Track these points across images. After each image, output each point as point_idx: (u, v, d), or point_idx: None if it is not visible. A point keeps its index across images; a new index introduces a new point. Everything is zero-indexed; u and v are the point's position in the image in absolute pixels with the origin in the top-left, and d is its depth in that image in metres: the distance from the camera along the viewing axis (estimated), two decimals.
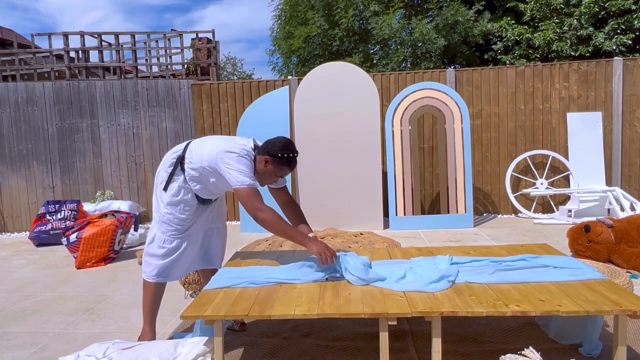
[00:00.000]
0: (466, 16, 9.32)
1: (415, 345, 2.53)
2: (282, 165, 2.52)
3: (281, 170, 2.55)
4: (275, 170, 2.54)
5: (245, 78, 21.67)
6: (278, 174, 2.57)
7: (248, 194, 2.43)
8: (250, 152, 2.55)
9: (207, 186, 2.64)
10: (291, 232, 2.50)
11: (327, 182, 5.61)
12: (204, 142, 2.64)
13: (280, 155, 2.50)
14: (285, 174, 2.60)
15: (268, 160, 2.52)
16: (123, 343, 2.37)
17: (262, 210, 2.46)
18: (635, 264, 3.68)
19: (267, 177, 2.58)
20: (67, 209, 5.79)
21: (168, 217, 2.63)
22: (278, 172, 2.56)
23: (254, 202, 2.44)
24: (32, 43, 7.86)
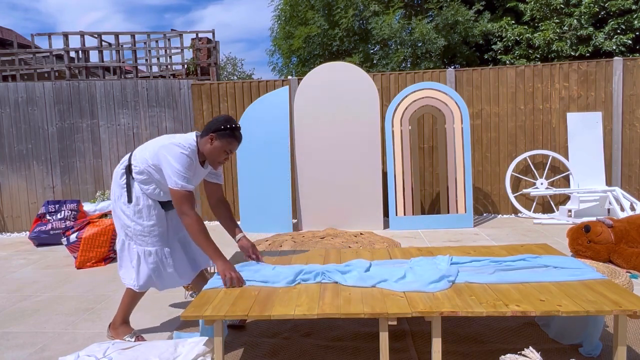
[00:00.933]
0: (466, 16, 9.33)
1: (415, 345, 2.53)
2: (228, 137, 2.57)
3: (229, 144, 2.58)
4: (222, 145, 2.57)
5: (245, 78, 21.68)
6: (226, 148, 2.59)
7: (180, 196, 2.50)
8: (192, 144, 2.59)
9: (159, 186, 2.68)
10: (207, 244, 2.53)
11: (327, 182, 5.61)
12: (146, 145, 2.70)
13: (223, 128, 2.55)
14: (234, 148, 2.62)
15: (213, 137, 2.56)
16: (123, 343, 2.38)
17: (188, 216, 2.51)
18: (635, 264, 3.68)
19: (216, 155, 2.60)
20: (67, 209, 5.79)
21: (138, 228, 2.68)
22: (226, 147, 2.59)
23: (183, 206, 2.50)
24: (32, 43, 7.87)
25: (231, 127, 2.56)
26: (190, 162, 2.55)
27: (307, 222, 5.68)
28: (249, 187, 5.68)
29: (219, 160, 2.63)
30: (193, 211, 2.52)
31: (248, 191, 5.69)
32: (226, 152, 2.61)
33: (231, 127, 2.56)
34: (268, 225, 5.65)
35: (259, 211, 5.69)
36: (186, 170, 2.51)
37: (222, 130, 2.55)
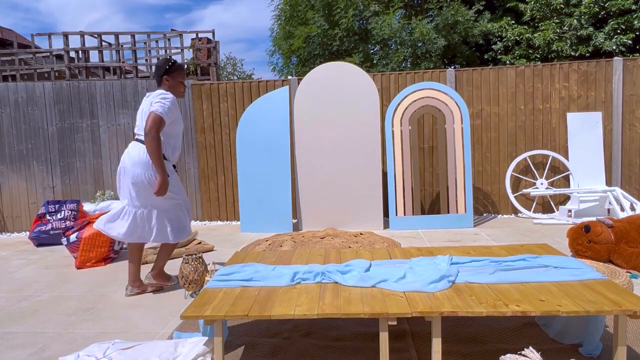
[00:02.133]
0: (466, 16, 9.33)
1: (415, 345, 2.53)
2: (174, 72, 3.37)
3: (179, 76, 3.40)
4: (174, 79, 3.38)
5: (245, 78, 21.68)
6: (179, 79, 3.40)
7: (154, 119, 3.16)
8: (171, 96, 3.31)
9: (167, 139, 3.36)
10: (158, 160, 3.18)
11: (327, 182, 5.61)
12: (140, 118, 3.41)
13: (169, 68, 3.35)
14: (183, 77, 3.43)
15: (167, 79, 3.36)
16: (123, 343, 2.38)
17: (153, 133, 3.15)
18: (635, 264, 3.68)
19: (177, 88, 3.40)
20: (67, 209, 5.79)
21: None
22: (178, 78, 3.40)
23: (152, 128, 3.14)
24: (32, 43, 7.86)
25: (171, 65, 3.35)
26: (170, 107, 3.25)
27: (307, 222, 5.68)
28: (249, 187, 5.69)
29: (181, 90, 3.43)
30: (158, 135, 3.18)
31: (248, 191, 5.70)
32: (180, 81, 3.41)
33: (172, 65, 3.35)
34: (268, 225, 5.65)
35: (259, 211, 5.69)
36: (167, 109, 3.23)
37: (167, 69, 3.34)
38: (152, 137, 3.12)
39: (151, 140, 3.12)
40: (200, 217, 6.66)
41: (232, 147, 6.48)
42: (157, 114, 3.16)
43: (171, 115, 3.25)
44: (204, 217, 6.65)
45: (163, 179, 3.21)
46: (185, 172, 6.59)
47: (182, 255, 3.71)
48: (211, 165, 6.57)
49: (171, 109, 3.24)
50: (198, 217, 6.67)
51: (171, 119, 3.27)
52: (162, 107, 3.19)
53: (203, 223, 6.61)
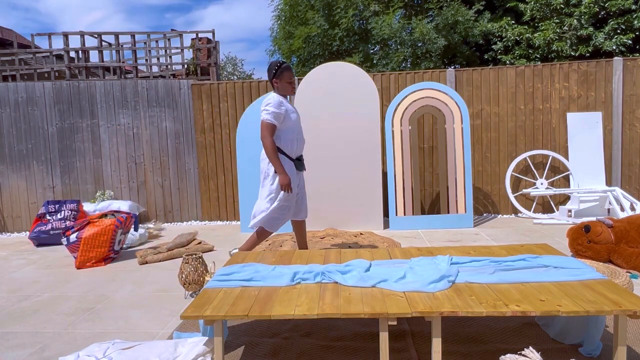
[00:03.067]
0: (466, 16, 9.33)
1: (415, 345, 2.53)
2: (282, 75, 3.64)
3: (286, 77, 3.65)
4: (282, 81, 3.66)
5: (246, 78, 21.68)
6: (287, 80, 3.66)
7: (262, 127, 3.54)
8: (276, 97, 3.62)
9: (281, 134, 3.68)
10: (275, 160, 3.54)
11: (327, 182, 5.61)
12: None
13: (275, 72, 3.64)
14: (290, 77, 3.67)
15: (276, 81, 3.66)
16: (123, 343, 2.37)
17: (266, 139, 3.52)
18: (635, 264, 3.68)
19: (285, 89, 3.69)
20: (67, 209, 5.79)
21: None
22: (286, 80, 3.66)
23: (263, 136, 3.53)
24: (32, 43, 7.86)
25: (280, 67, 3.63)
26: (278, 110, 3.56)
27: (307, 222, 5.68)
28: (249, 187, 5.68)
29: (289, 91, 3.71)
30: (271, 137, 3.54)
31: (248, 191, 5.69)
32: (288, 83, 3.67)
33: (281, 68, 3.63)
34: None
35: None
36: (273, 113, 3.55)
37: (275, 73, 3.63)
38: (264, 143, 3.53)
39: (264, 145, 3.53)
40: (200, 217, 6.66)
41: (232, 147, 6.48)
42: (264, 121, 3.54)
43: (278, 117, 3.56)
44: (204, 217, 6.65)
45: (282, 177, 3.54)
46: (186, 172, 6.59)
47: (182, 255, 3.71)
48: (211, 165, 6.57)
49: (276, 112, 3.54)
50: (198, 217, 6.67)
51: (280, 120, 3.58)
52: (267, 113, 3.54)
53: (203, 223, 6.61)
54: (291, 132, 3.68)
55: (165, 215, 6.66)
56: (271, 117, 3.53)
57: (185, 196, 6.63)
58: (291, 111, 3.67)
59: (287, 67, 3.65)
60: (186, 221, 6.68)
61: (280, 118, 3.57)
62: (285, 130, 3.66)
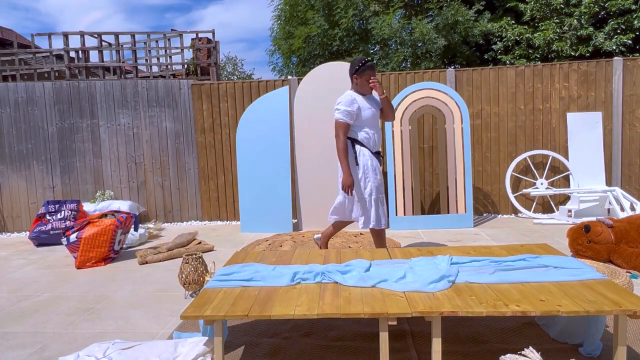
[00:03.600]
0: (466, 16, 9.33)
1: (415, 345, 2.53)
2: (364, 72, 3.58)
3: (367, 75, 3.59)
4: (362, 78, 3.60)
5: (245, 78, 21.68)
6: (367, 79, 3.59)
7: (335, 125, 3.60)
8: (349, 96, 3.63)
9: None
10: (343, 161, 3.57)
11: (327, 182, 5.60)
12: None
13: (358, 69, 3.59)
14: (371, 75, 3.59)
15: (356, 77, 3.62)
16: (123, 343, 2.37)
17: (338, 137, 3.57)
18: (635, 264, 3.68)
19: (364, 87, 3.64)
20: (67, 209, 5.79)
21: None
22: (366, 78, 3.59)
23: (336, 135, 3.58)
24: (32, 43, 7.86)
25: (362, 64, 3.58)
26: (350, 108, 3.58)
27: (307, 222, 5.68)
28: (249, 187, 5.68)
29: (367, 90, 3.65)
30: (344, 137, 3.58)
31: (248, 191, 5.69)
32: (367, 81, 3.60)
33: (363, 65, 3.57)
34: (268, 225, 5.65)
35: (259, 211, 5.69)
36: (346, 111, 3.57)
37: (357, 70, 3.59)
38: (336, 142, 3.58)
39: (336, 144, 3.58)
40: (200, 217, 6.66)
41: (232, 147, 6.48)
42: (337, 120, 3.59)
43: (350, 115, 3.57)
44: (204, 217, 6.65)
45: (344, 178, 3.58)
46: (186, 172, 6.59)
47: (182, 255, 3.71)
48: (211, 165, 6.57)
49: (347, 110, 3.56)
50: (198, 217, 6.67)
51: (352, 117, 3.59)
52: (338, 112, 3.58)
53: (203, 223, 6.61)
54: (367, 127, 3.69)
55: (165, 215, 6.66)
56: (342, 116, 3.57)
57: (185, 196, 6.63)
58: (365, 108, 3.65)
59: (370, 65, 3.60)
60: (186, 221, 6.68)
61: (352, 116, 3.59)
62: (360, 126, 3.66)
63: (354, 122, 3.63)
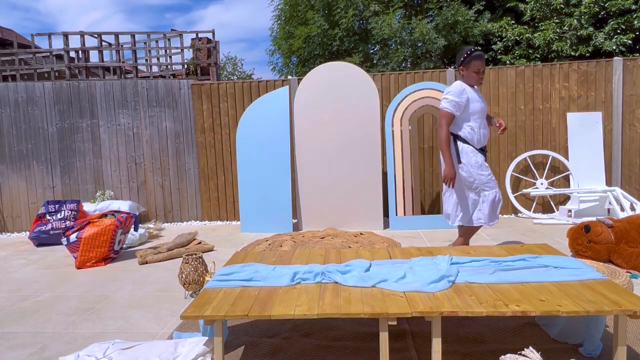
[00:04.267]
0: (466, 16, 9.32)
1: (415, 345, 2.53)
2: (470, 63, 3.49)
3: (473, 66, 3.50)
4: (468, 69, 3.52)
5: (245, 78, 21.68)
6: (474, 70, 3.50)
7: (440, 115, 3.53)
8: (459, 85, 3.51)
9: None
10: (445, 152, 3.48)
11: (327, 182, 5.61)
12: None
13: (463, 60, 3.51)
14: (478, 67, 3.48)
15: (462, 69, 3.54)
16: (123, 343, 2.37)
17: (441, 128, 3.49)
18: (635, 264, 3.68)
19: (471, 78, 3.53)
20: (67, 209, 5.79)
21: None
22: (473, 69, 3.50)
23: (440, 124, 3.51)
24: (32, 43, 7.86)
25: (469, 55, 3.48)
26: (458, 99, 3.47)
27: (307, 222, 5.68)
28: (249, 187, 5.68)
29: (476, 80, 3.54)
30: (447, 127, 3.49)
31: (248, 191, 5.69)
32: (475, 72, 3.50)
33: (469, 55, 3.48)
34: (268, 225, 5.65)
35: (259, 211, 5.69)
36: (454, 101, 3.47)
37: (463, 60, 3.51)
38: (439, 132, 3.50)
39: (439, 134, 3.50)
40: (200, 217, 6.66)
41: (232, 147, 6.48)
42: (442, 110, 3.51)
43: (458, 106, 3.47)
44: (204, 217, 6.65)
45: (446, 169, 3.49)
46: (186, 172, 6.59)
47: (182, 255, 3.71)
48: (211, 165, 6.57)
49: (455, 100, 3.46)
50: (198, 217, 6.67)
51: (459, 109, 3.49)
52: (446, 102, 3.49)
53: (203, 223, 6.61)
54: (473, 121, 3.55)
55: (165, 215, 6.66)
56: (450, 106, 3.47)
57: (185, 196, 6.63)
58: (474, 100, 3.52)
59: (477, 55, 3.48)
60: (186, 221, 6.68)
61: (459, 107, 3.47)
62: (465, 119, 3.54)
63: (461, 114, 3.51)
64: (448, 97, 3.49)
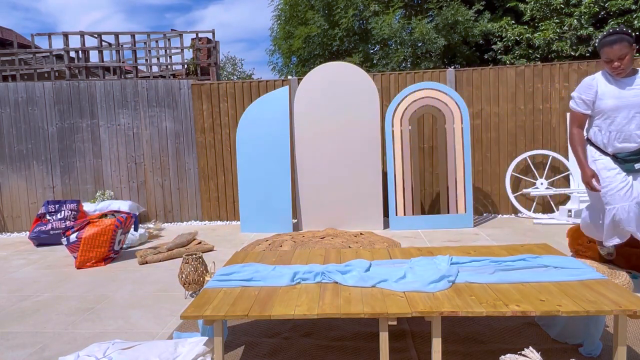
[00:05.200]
0: (466, 16, 9.32)
1: (415, 345, 2.53)
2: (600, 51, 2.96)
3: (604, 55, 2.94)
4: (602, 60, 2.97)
5: (245, 78, 21.68)
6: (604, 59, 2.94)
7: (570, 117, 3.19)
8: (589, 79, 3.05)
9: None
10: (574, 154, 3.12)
11: (327, 182, 5.61)
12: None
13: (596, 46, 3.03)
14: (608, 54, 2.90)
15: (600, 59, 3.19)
16: (123, 343, 2.37)
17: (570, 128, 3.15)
18: (635, 264, 3.68)
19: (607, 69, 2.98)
20: (67, 209, 5.79)
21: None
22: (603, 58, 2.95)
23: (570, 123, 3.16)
24: (32, 43, 7.86)
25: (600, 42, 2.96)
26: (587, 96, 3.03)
27: (307, 222, 5.68)
28: (249, 187, 5.68)
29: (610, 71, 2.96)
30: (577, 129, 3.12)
31: (248, 191, 5.69)
32: (606, 61, 2.94)
33: (600, 44, 2.96)
34: (268, 225, 5.65)
35: (259, 211, 5.69)
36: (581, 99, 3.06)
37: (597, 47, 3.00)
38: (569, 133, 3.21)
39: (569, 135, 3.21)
40: (200, 217, 6.66)
41: (232, 147, 6.48)
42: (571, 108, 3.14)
43: (583, 103, 3.03)
44: (204, 217, 6.65)
45: (581, 172, 3.07)
46: (186, 172, 6.59)
47: (182, 255, 3.71)
48: (211, 165, 6.57)
49: (579, 97, 3.05)
50: (198, 217, 6.67)
51: (586, 107, 3.03)
52: (572, 101, 3.12)
53: (203, 223, 6.61)
54: (601, 120, 3.02)
55: (165, 215, 6.66)
56: (573, 104, 3.09)
57: (185, 196, 6.63)
58: (607, 96, 2.94)
59: (607, 42, 2.89)
60: (186, 221, 6.68)
61: (586, 104, 3.01)
62: (595, 117, 3.06)
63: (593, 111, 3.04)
64: (573, 94, 3.10)
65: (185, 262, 3.46)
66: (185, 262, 3.46)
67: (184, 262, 3.46)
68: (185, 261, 3.46)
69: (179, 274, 3.48)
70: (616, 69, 2.90)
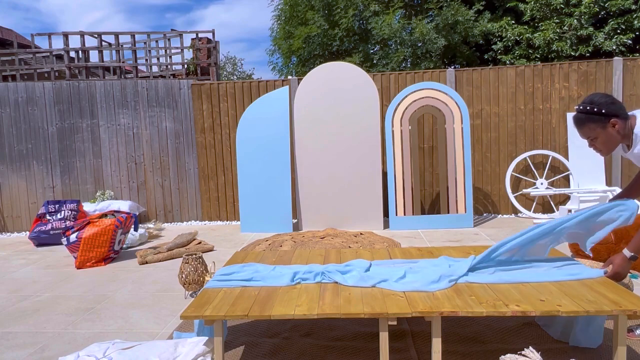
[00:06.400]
0: (466, 16, 9.33)
1: (415, 345, 2.53)
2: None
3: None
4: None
5: (245, 78, 21.68)
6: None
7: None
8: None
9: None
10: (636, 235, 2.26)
11: (327, 182, 5.61)
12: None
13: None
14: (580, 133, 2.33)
15: (616, 123, 2.20)
16: (123, 343, 2.37)
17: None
18: (636, 264, 3.68)
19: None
20: (67, 209, 5.79)
21: None
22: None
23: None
24: (32, 43, 7.86)
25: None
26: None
27: (307, 222, 5.68)
28: (249, 187, 5.68)
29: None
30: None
31: (248, 191, 5.70)
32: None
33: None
34: (268, 225, 5.65)
35: (259, 211, 5.69)
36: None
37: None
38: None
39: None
40: (200, 217, 6.66)
41: (232, 147, 6.48)
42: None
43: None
44: (204, 217, 6.65)
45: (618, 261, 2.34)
46: (186, 172, 6.59)
47: (182, 255, 3.71)
48: (211, 165, 6.57)
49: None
50: (198, 217, 6.67)
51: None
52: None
53: (203, 223, 6.61)
54: None
55: (165, 215, 6.66)
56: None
57: (185, 196, 6.63)
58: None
59: (574, 121, 2.35)
60: (186, 221, 6.68)
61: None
62: None
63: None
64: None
65: (185, 262, 3.46)
66: (185, 262, 3.46)
67: (184, 262, 3.46)
68: (185, 261, 3.46)
69: (179, 274, 3.48)
70: (594, 147, 2.35)
